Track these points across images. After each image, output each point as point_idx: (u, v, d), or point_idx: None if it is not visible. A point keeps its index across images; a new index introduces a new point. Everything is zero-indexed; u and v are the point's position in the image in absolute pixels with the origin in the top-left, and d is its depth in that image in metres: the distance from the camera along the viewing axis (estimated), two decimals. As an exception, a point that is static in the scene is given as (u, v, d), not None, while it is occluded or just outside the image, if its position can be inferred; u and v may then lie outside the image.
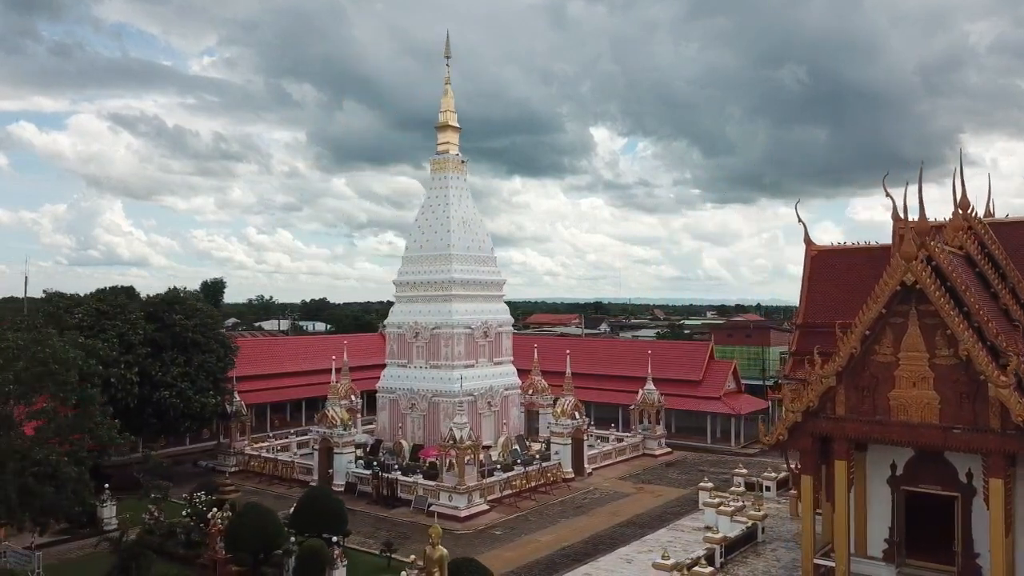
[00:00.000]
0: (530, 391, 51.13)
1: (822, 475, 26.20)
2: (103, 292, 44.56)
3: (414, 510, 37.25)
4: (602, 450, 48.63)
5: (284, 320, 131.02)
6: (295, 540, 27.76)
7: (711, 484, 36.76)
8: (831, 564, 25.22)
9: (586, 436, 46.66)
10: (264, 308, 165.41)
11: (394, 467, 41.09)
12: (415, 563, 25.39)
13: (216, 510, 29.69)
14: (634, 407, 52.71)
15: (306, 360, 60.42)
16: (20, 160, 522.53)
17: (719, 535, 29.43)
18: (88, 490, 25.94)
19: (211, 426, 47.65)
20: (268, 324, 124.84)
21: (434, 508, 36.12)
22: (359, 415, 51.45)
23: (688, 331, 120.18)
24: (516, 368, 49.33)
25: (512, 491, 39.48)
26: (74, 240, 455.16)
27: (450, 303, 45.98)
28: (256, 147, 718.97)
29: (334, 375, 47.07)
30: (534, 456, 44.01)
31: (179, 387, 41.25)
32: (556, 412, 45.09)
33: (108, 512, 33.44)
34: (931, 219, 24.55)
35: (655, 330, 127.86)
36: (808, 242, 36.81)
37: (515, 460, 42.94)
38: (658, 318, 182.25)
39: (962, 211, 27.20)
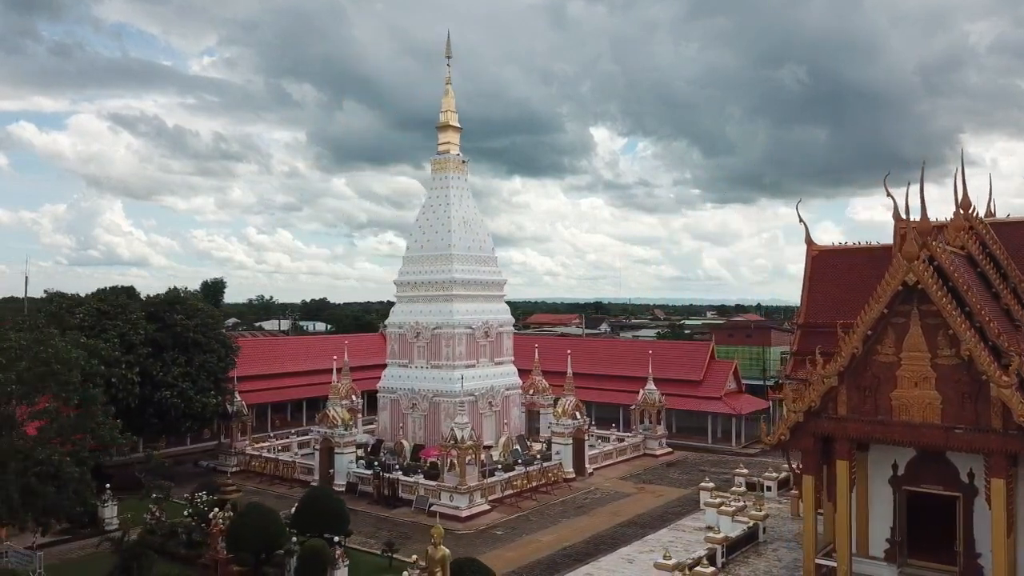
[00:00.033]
0: (531, 391, 51.16)
1: (823, 475, 26.20)
2: (104, 292, 44.53)
3: (415, 510, 37.29)
4: (603, 450, 48.66)
5: (284, 320, 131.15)
6: (297, 540, 27.78)
7: (712, 484, 36.75)
8: (833, 564, 25.25)
9: (587, 436, 46.69)
10: (264, 308, 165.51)
11: (395, 467, 41.10)
12: (417, 563, 25.35)
13: (218, 510, 29.71)
14: (635, 407, 52.75)
15: (307, 360, 60.50)
16: (20, 160, 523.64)
17: (720, 535, 29.45)
18: (90, 490, 25.95)
19: (212, 426, 47.69)
20: (268, 324, 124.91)
21: (435, 508, 36.12)
22: (360, 415, 51.49)
23: (688, 331, 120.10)
24: (517, 368, 49.38)
25: (513, 491, 39.50)
26: (74, 240, 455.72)
27: (451, 303, 46.00)
28: (256, 147, 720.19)
29: (335, 375, 47.12)
30: (535, 456, 44.01)
31: (180, 387, 41.30)
32: (557, 412, 45.13)
33: (109, 512, 33.44)
34: (932, 219, 24.56)
35: (655, 330, 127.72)
36: (809, 242, 36.81)
37: (516, 460, 42.95)
38: (658, 318, 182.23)
39: (963, 211, 27.22)
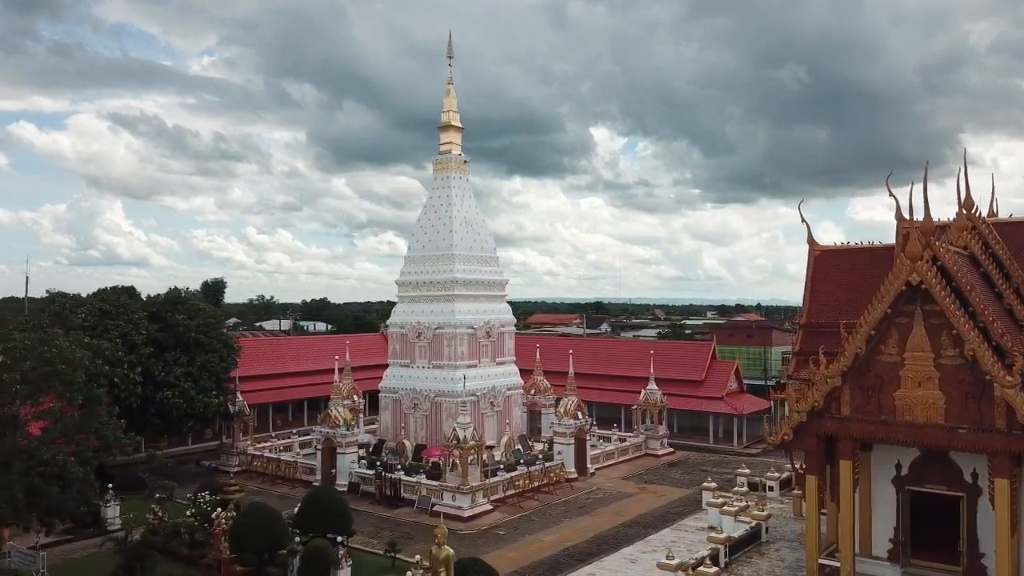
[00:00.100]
0: (532, 391, 51.15)
1: (827, 475, 26.22)
2: (105, 292, 44.57)
3: (417, 510, 37.30)
4: (605, 450, 48.68)
5: (285, 320, 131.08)
6: (299, 540, 27.77)
7: (714, 484, 36.75)
8: (836, 564, 25.25)
9: (589, 436, 46.72)
10: (265, 308, 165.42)
11: (397, 467, 41.11)
12: (420, 563, 25.38)
13: (220, 510, 29.67)
14: (636, 407, 52.78)
15: (308, 360, 60.52)
16: (20, 160, 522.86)
17: (723, 535, 29.48)
18: (93, 490, 26.03)
19: (214, 426, 47.75)
20: (269, 324, 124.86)
21: (437, 508, 36.15)
22: (361, 415, 51.49)
23: (689, 331, 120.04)
24: (518, 368, 49.39)
25: (515, 491, 39.52)
26: (74, 240, 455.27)
27: (453, 303, 46.00)
28: (256, 147, 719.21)
29: (337, 375, 47.15)
30: (537, 456, 44.02)
31: (182, 387, 41.36)
32: (559, 412, 45.16)
33: (112, 512, 33.45)
34: (934, 219, 24.55)
35: (656, 330, 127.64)
36: (812, 242, 36.86)
37: (518, 460, 42.97)
38: (658, 318, 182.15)
39: (966, 211, 27.21)
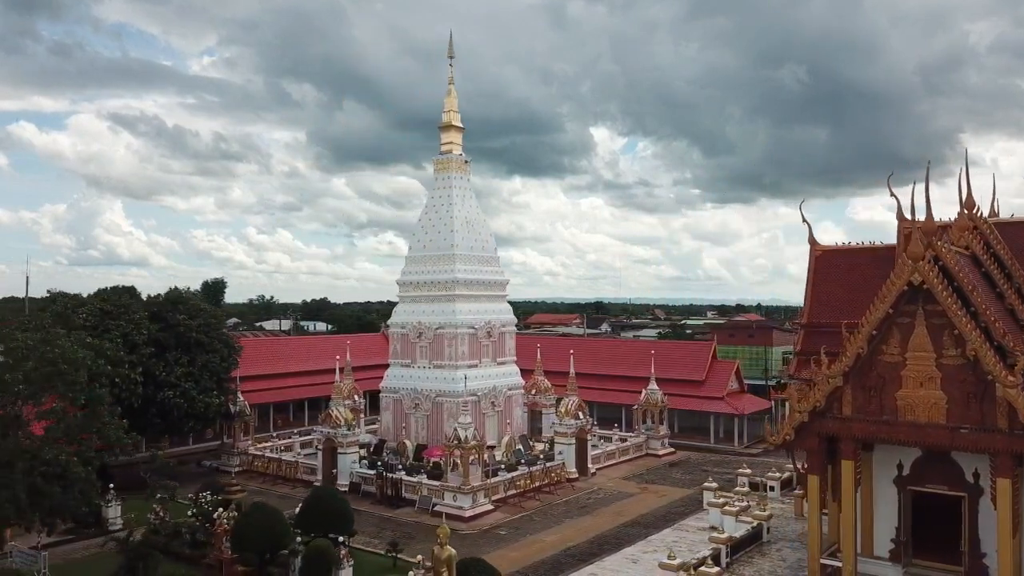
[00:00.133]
0: (533, 391, 51.17)
1: (828, 475, 26.24)
2: (105, 292, 44.61)
3: (419, 510, 37.32)
4: (605, 450, 48.69)
5: (285, 320, 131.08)
6: (301, 540, 27.78)
7: (715, 484, 36.78)
8: (837, 564, 25.27)
9: (589, 436, 46.73)
10: (265, 308, 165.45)
11: (398, 467, 41.13)
12: (421, 563, 25.40)
13: (222, 510, 29.68)
14: (637, 407, 52.79)
15: (309, 360, 60.51)
16: (20, 160, 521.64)
17: (724, 535, 29.51)
18: (95, 490, 26.05)
19: (215, 426, 47.74)
20: (269, 324, 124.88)
21: (439, 508, 36.17)
22: (362, 415, 51.52)
23: (690, 331, 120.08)
24: (519, 368, 49.41)
25: (516, 491, 39.53)
26: (74, 240, 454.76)
27: (454, 303, 46.01)
28: (256, 147, 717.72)
29: (338, 375, 47.15)
30: (538, 456, 44.04)
31: (183, 387, 41.37)
32: (560, 412, 45.18)
33: (113, 512, 33.47)
34: (935, 219, 24.57)
35: (656, 330, 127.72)
36: (813, 242, 36.85)
37: (519, 460, 42.98)
38: (659, 318, 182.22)
39: (968, 211, 27.23)
